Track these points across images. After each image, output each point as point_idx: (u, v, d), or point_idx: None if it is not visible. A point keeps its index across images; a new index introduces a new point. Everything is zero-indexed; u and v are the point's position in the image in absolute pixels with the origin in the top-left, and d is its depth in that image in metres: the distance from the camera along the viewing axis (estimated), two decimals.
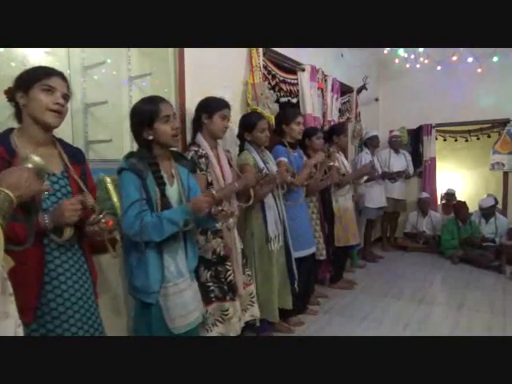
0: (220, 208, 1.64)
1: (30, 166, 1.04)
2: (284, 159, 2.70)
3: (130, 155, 1.62)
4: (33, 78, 1.27)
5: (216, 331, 2.01)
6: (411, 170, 5.01)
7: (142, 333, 1.68)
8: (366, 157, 4.39)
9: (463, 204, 4.76)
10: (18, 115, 1.31)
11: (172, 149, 1.74)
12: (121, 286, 1.98)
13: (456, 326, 2.84)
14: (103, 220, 1.29)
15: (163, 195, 1.60)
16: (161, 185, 1.60)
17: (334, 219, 3.44)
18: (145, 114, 1.60)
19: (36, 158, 1.06)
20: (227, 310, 2.01)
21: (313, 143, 3.12)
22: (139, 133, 1.63)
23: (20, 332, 0.89)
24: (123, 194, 1.57)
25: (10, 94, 1.28)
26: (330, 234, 3.35)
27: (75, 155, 1.41)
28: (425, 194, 5.21)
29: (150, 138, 1.61)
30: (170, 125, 1.61)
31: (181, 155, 1.84)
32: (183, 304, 1.63)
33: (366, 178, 3.95)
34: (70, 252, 1.35)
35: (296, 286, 2.60)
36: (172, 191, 1.66)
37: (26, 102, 1.26)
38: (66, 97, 1.32)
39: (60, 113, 1.30)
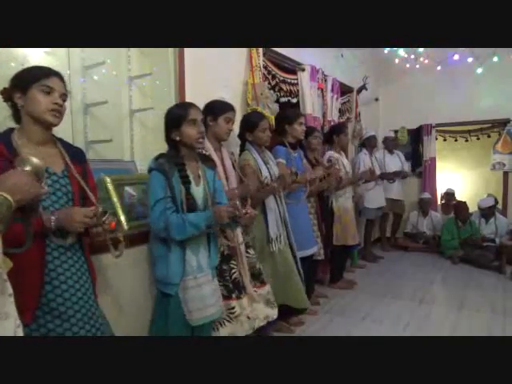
0: (244, 211, 1.73)
1: (28, 168, 1.03)
2: (282, 161, 2.69)
3: (159, 156, 1.73)
4: (30, 78, 1.26)
5: (224, 331, 1.99)
6: (406, 169, 5.01)
7: (158, 321, 1.79)
8: (364, 157, 4.38)
9: (464, 204, 4.76)
10: (16, 116, 1.31)
11: (199, 151, 1.84)
12: (123, 286, 1.98)
13: (456, 326, 2.84)
14: (107, 221, 1.29)
15: (188, 193, 1.71)
16: (186, 183, 1.71)
17: (332, 219, 3.44)
18: (175, 117, 1.74)
19: (34, 160, 1.04)
20: (233, 308, 2.01)
21: (310, 143, 3.12)
22: (168, 133, 1.76)
23: (19, 332, 0.89)
24: (150, 193, 1.70)
25: (7, 95, 1.28)
26: (327, 233, 3.35)
27: (76, 155, 1.42)
28: (426, 195, 5.21)
29: (177, 138, 1.74)
30: (195, 128, 1.73)
31: (207, 157, 1.94)
32: (201, 297, 1.72)
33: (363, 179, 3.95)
34: (70, 252, 1.34)
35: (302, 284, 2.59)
36: (198, 191, 1.77)
37: (25, 102, 1.26)
38: (64, 96, 1.32)
39: (59, 112, 1.30)
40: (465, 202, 4.79)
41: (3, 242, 0.89)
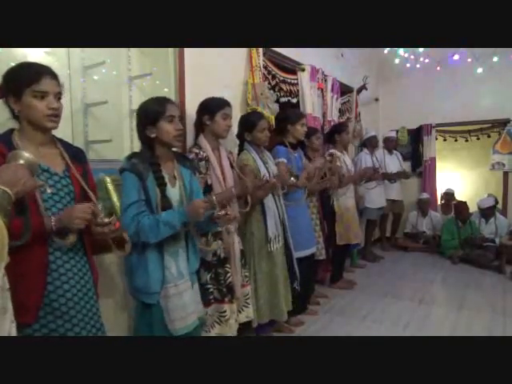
0: (224, 212, 1.64)
1: (21, 162, 1.04)
2: (283, 160, 2.70)
3: (132, 155, 1.63)
4: (22, 82, 1.23)
5: (214, 332, 2.02)
6: (405, 169, 5.02)
7: (143, 333, 1.68)
8: (365, 157, 4.39)
9: (464, 204, 4.76)
10: (15, 116, 1.30)
11: (174, 150, 1.74)
12: (122, 286, 1.98)
13: (456, 326, 2.84)
14: (112, 222, 1.28)
15: (164, 196, 1.60)
16: (161, 185, 1.60)
17: (334, 218, 3.44)
18: (150, 112, 1.62)
19: (26, 154, 1.05)
20: (225, 312, 2.02)
21: (312, 143, 3.12)
22: (143, 130, 1.64)
23: (13, 327, 0.90)
24: (123, 195, 1.59)
25: (1, 94, 1.27)
26: (329, 232, 3.35)
27: (76, 155, 1.41)
28: (425, 195, 5.21)
29: (153, 135, 1.62)
30: (173, 125, 1.62)
31: (184, 157, 1.84)
32: (183, 306, 1.63)
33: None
34: (72, 252, 1.34)
35: (297, 285, 2.60)
36: (174, 192, 1.66)
37: (20, 108, 1.25)
38: (59, 95, 1.30)
39: (56, 116, 1.29)
40: (465, 202, 4.78)
41: None
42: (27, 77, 1.24)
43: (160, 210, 1.59)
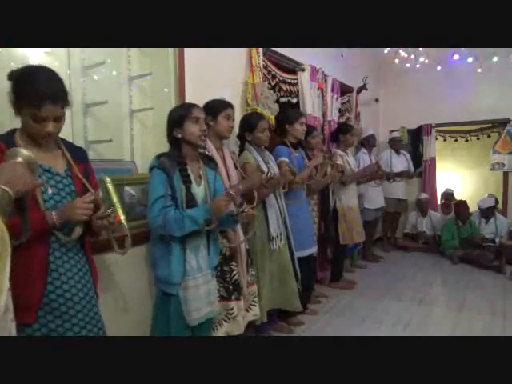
0: (241, 209, 1.77)
1: (20, 160, 1.02)
2: (285, 159, 2.70)
3: (161, 155, 1.74)
4: (24, 101, 1.21)
5: (222, 331, 2.02)
6: (411, 170, 5.02)
7: (160, 321, 1.79)
8: (363, 157, 4.38)
9: (464, 203, 4.76)
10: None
11: (200, 151, 1.87)
12: (122, 286, 1.98)
13: (456, 326, 2.84)
14: (112, 214, 1.31)
15: (188, 192, 1.72)
16: (186, 182, 1.72)
17: (335, 218, 3.46)
18: (177, 115, 1.77)
19: (25, 152, 1.04)
20: (232, 309, 2.03)
21: (308, 143, 3.13)
22: (170, 132, 1.78)
23: (13, 327, 0.90)
24: (150, 190, 1.70)
25: (11, 91, 1.25)
26: (328, 232, 3.36)
27: (78, 154, 1.42)
28: (423, 195, 5.21)
29: (179, 135, 1.75)
30: (198, 126, 1.75)
31: (209, 158, 1.95)
32: (199, 297, 1.74)
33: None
34: (72, 252, 1.34)
35: (298, 285, 2.60)
36: (199, 191, 1.78)
37: (20, 118, 1.25)
38: (59, 118, 1.27)
39: (51, 137, 1.28)
40: (464, 201, 4.78)
41: None
42: (29, 99, 1.20)
43: (185, 205, 1.70)
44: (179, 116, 1.76)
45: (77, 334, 1.31)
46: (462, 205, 4.77)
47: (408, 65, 4.93)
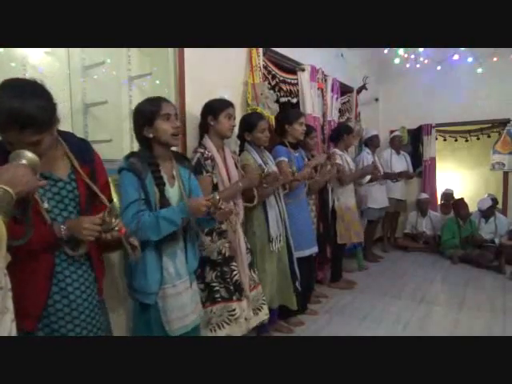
0: (218, 206, 1.60)
1: (23, 161, 1.03)
2: (284, 159, 2.70)
3: (131, 155, 1.62)
4: (13, 125, 1.07)
5: (223, 333, 2.00)
6: (411, 170, 5.02)
7: (141, 333, 1.68)
8: (367, 157, 4.39)
9: (462, 201, 4.77)
10: None
11: (173, 150, 1.74)
12: (122, 286, 1.98)
13: (456, 325, 2.84)
14: (116, 228, 1.25)
15: (162, 195, 1.60)
16: (160, 185, 1.60)
17: (333, 217, 3.45)
18: (146, 112, 1.61)
19: (28, 154, 1.04)
20: (234, 311, 2.02)
21: (306, 144, 3.13)
22: (140, 131, 1.63)
23: (14, 327, 0.90)
24: (122, 194, 1.57)
25: None
26: (326, 232, 3.35)
27: (82, 154, 1.34)
28: (424, 195, 5.21)
29: (150, 135, 1.61)
30: (170, 123, 1.61)
31: (182, 156, 1.84)
32: (181, 306, 1.63)
33: (368, 178, 3.95)
34: (78, 263, 1.34)
35: (298, 285, 2.61)
36: (173, 192, 1.66)
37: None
38: (37, 141, 1.13)
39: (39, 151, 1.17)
40: (462, 199, 4.79)
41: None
42: (19, 121, 1.06)
43: (159, 209, 1.57)
44: (148, 114, 1.60)
45: (78, 334, 1.31)
46: (460, 203, 4.77)
47: (408, 65, 4.92)
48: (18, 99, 1.04)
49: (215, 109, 2.11)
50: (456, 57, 4.67)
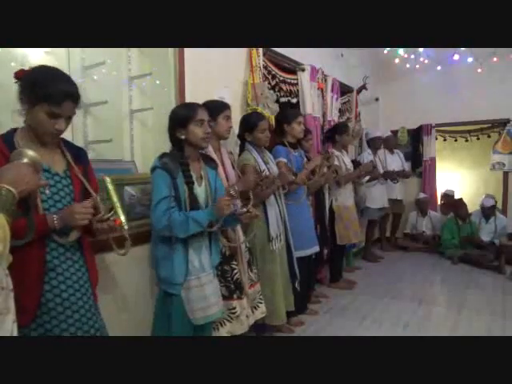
0: (245, 209, 1.79)
1: (25, 160, 1.04)
2: (283, 160, 2.70)
3: (163, 155, 1.74)
4: (41, 97, 1.21)
5: (224, 330, 2.02)
6: (407, 168, 5.02)
7: (161, 320, 1.79)
8: (367, 157, 4.40)
9: (461, 201, 4.77)
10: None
11: (200, 151, 1.86)
12: (122, 286, 1.98)
13: (456, 326, 2.84)
14: (112, 218, 1.31)
15: (191, 193, 1.72)
16: (189, 183, 1.72)
17: (332, 218, 3.45)
18: (181, 116, 1.76)
19: (30, 153, 1.05)
20: (234, 309, 2.03)
21: (303, 146, 3.12)
22: (174, 132, 1.76)
23: (15, 328, 0.90)
24: (154, 191, 1.70)
25: (17, 78, 1.25)
26: (325, 233, 3.35)
27: (78, 155, 1.42)
28: (423, 195, 5.21)
29: (183, 137, 1.75)
30: (202, 129, 1.75)
31: (209, 158, 1.95)
32: (204, 297, 1.74)
33: (367, 178, 3.95)
34: (69, 253, 1.34)
35: (297, 285, 2.61)
36: (200, 191, 1.79)
37: (29, 115, 1.25)
38: (70, 118, 1.30)
39: (59, 134, 1.29)
40: (461, 199, 4.80)
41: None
42: (49, 96, 1.21)
43: (188, 206, 1.70)
44: (184, 117, 1.74)
45: (73, 334, 1.30)
46: (459, 202, 4.77)
47: (408, 65, 4.93)
48: (71, 80, 1.29)
49: (214, 110, 2.10)
50: (456, 57, 4.67)
